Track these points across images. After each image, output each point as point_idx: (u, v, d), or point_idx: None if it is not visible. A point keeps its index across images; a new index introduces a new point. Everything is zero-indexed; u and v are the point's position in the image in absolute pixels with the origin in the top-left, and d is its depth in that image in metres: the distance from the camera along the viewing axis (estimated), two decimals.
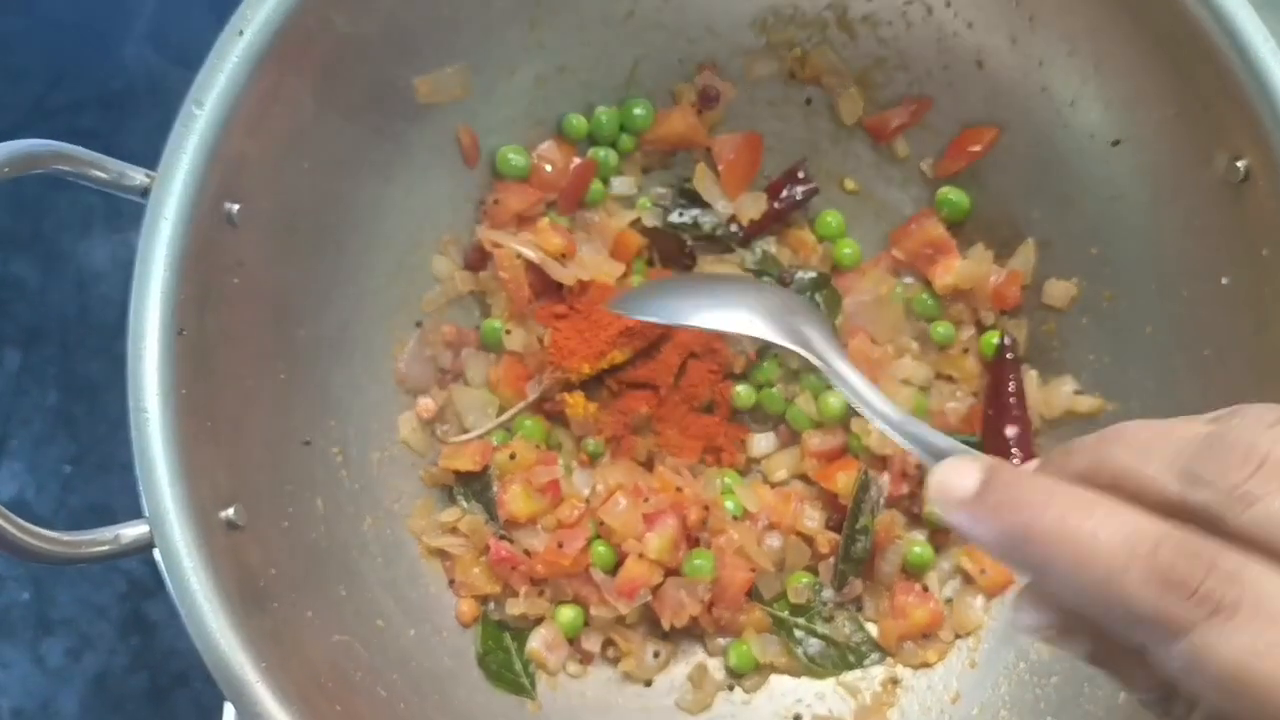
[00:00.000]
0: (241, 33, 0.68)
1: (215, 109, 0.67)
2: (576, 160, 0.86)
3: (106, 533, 0.63)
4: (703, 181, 0.86)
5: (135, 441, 0.64)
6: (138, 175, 0.66)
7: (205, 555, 0.64)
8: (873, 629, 0.83)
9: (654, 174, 0.89)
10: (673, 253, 0.87)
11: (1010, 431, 0.81)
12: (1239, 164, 0.69)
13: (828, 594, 0.83)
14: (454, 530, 0.82)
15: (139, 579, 0.93)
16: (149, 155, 0.67)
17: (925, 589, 0.82)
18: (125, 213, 0.68)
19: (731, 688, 0.82)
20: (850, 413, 0.83)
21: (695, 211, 0.87)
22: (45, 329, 0.98)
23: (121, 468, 0.84)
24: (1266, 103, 0.66)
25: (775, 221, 0.87)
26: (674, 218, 0.87)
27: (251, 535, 0.68)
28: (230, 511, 0.67)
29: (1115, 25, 0.73)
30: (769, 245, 0.88)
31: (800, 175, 0.87)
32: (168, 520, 0.63)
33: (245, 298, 0.71)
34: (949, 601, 0.83)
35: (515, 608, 0.80)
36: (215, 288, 0.69)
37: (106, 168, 0.66)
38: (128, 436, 0.65)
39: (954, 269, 0.84)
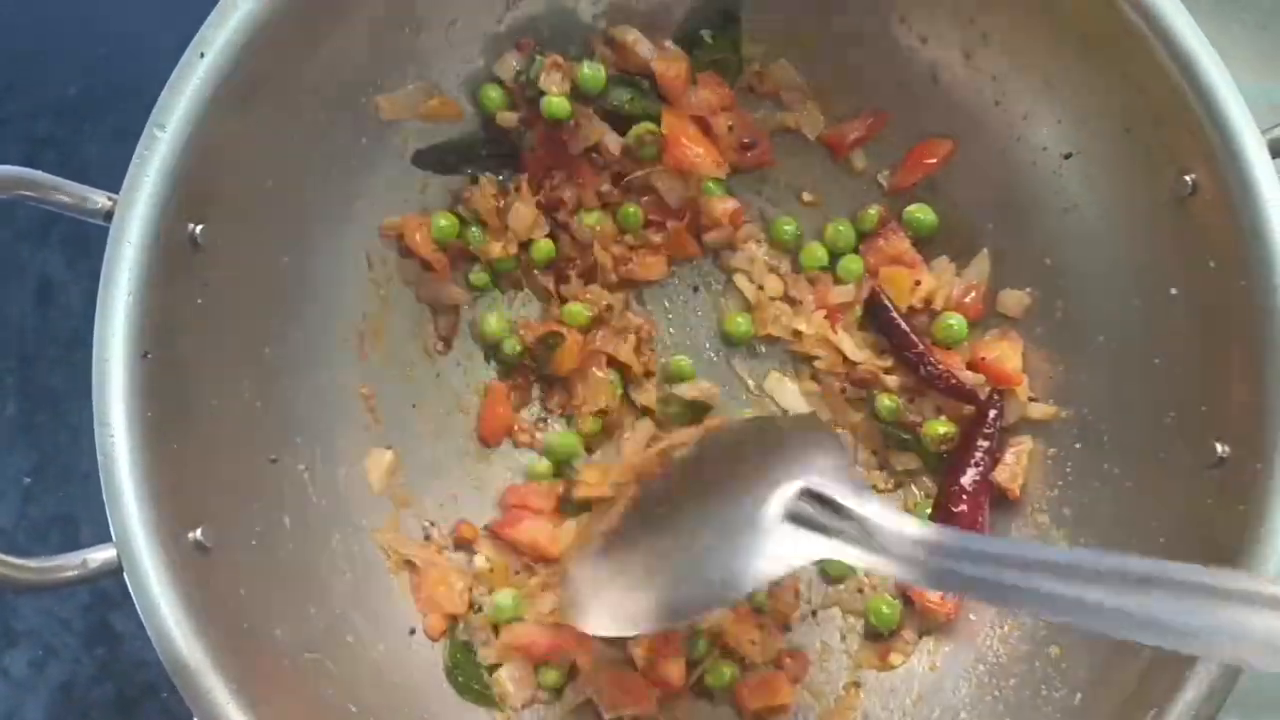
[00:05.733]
0: (203, 55, 0.68)
1: (177, 131, 0.67)
2: None
3: (74, 557, 0.64)
4: None
5: (101, 465, 0.65)
6: (100, 198, 0.67)
7: (173, 578, 0.64)
8: None
9: None
10: None
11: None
12: (1187, 178, 0.71)
13: None
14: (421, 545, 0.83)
15: (104, 589, 0.93)
16: (108, 163, 0.67)
17: None
18: (84, 222, 0.68)
19: (699, 695, 0.83)
20: None
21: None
22: (3, 339, 0.97)
23: (84, 478, 0.83)
24: (1213, 120, 0.69)
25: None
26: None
27: (220, 556, 0.68)
28: (198, 533, 0.67)
29: (1066, 43, 0.75)
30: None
31: None
32: (135, 544, 0.64)
33: (210, 318, 0.71)
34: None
35: (487, 657, 0.81)
36: (180, 309, 0.69)
37: (69, 192, 0.66)
38: (90, 446, 0.65)
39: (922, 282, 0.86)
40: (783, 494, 0.67)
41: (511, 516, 0.84)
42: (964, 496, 0.81)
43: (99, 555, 0.64)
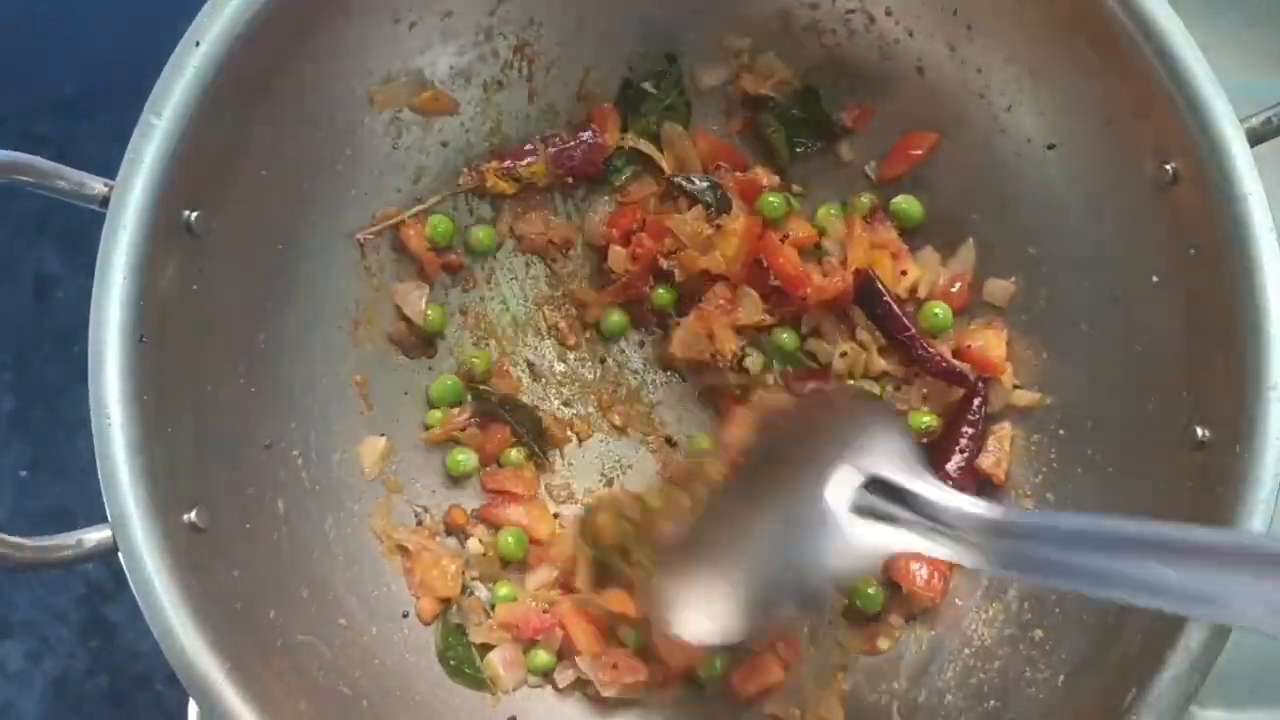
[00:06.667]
0: (198, 44, 0.69)
1: (172, 119, 0.68)
2: None
3: (69, 537, 0.64)
4: None
5: (98, 447, 0.65)
6: (97, 185, 0.67)
7: (168, 558, 0.65)
8: None
9: None
10: None
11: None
12: (1167, 167, 0.72)
13: None
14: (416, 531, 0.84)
15: (97, 582, 0.94)
16: (104, 160, 0.68)
17: None
18: (80, 217, 0.68)
19: (690, 683, 0.83)
20: None
21: None
22: (0, 334, 0.98)
23: (79, 472, 0.84)
24: (1193, 111, 0.70)
25: None
26: None
27: (214, 538, 0.69)
28: (193, 514, 0.68)
29: (1049, 35, 0.76)
30: None
31: None
32: (131, 524, 0.64)
33: (205, 304, 0.72)
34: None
35: (478, 636, 0.82)
36: (175, 295, 0.70)
37: (67, 178, 0.67)
38: (86, 440, 0.65)
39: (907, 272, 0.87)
40: (846, 482, 0.66)
41: (497, 501, 0.85)
42: (949, 482, 0.82)
43: (94, 535, 0.65)
